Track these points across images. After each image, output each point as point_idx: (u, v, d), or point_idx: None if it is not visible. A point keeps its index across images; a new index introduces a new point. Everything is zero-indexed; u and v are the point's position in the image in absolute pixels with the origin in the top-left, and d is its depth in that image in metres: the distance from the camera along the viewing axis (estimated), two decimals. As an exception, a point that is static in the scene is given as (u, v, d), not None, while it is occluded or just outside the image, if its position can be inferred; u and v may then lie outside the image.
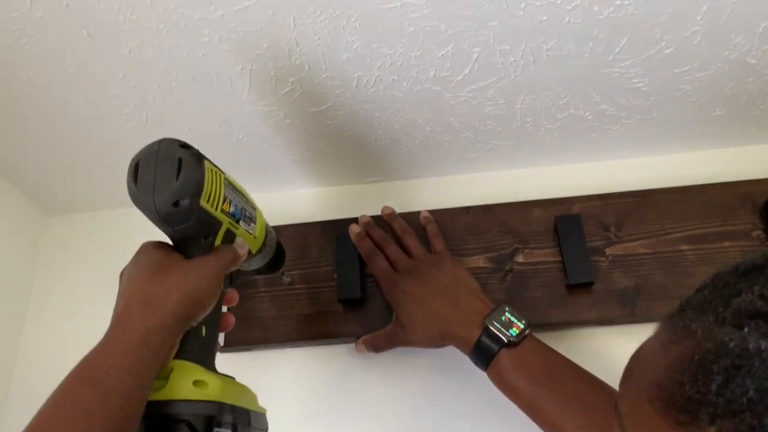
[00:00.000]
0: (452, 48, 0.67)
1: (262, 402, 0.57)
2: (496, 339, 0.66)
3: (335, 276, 0.79)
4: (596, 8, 0.62)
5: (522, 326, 0.66)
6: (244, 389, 0.55)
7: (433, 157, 0.86)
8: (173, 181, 0.50)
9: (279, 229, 0.83)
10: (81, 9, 0.62)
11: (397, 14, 0.63)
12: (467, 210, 0.82)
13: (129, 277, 0.52)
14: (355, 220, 0.82)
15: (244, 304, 0.80)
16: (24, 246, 0.94)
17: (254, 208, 0.62)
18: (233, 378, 0.55)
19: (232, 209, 0.57)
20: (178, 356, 0.51)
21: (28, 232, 0.95)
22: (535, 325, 0.71)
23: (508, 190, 0.84)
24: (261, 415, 0.55)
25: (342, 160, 0.86)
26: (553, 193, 0.81)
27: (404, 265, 0.75)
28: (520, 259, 0.77)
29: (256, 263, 0.68)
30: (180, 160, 0.51)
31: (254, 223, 0.62)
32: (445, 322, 0.69)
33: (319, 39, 0.66)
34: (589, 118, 0.78)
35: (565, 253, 0.75)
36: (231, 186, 0.57)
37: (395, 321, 0.73)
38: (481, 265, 0.78)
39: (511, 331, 0.66)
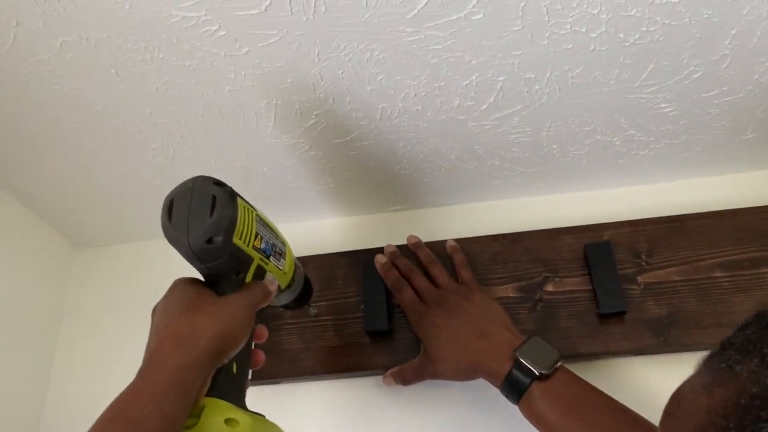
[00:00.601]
0: (476, 77, 0.67)
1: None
2: (528, 372, 0.64)
3: (362, 307, 0.79)
4: (621, 35, 0.61)
5: (554, 358, 0.65)
6: (274, 428, 0.54)
7: (458, 185, 0.85)
8: (207, 219, 0.51)
9: (305, 260, 0.83)
10: (108, 49, 0.63)
11: (420, 46, 0.63)
12: (494, 238, 0.81)
13: (161, 314, 0.52)
14: (380, 250, 0.82)
15: (271, 336, 0.80)
16: (53, 278, 0.95)
17: (284, 243, 0.63)
18: (263, 416, 0.54)
19: (263, 245, 0.57)
20: (209, 393, 0.50)
21: (57, 265, 0.96)
22: (567, 356, 0.70)
23: (535, 217, 0.83)
24: None
25: (367, 190, 0.86)
26: (582, 220, 0.80)
27: (431, 296, 0.74)
28: (549, 288, 0.76)
29: (285, 298, 0.68)
30: (214, 197, 0.51)
31: (284, 259, 0.62)
32: (475, 354, 0.68)
33: (343, 72, 0.66)
34: (617, 143, 0.77)
35: (596, 281, 0.74)
36: (262, 222, 0.57)
37: (423, 353, 0.72)
38: (510, 294, 0.77)
39: (542, 363, 0.64)
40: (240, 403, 0.53)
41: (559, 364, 0.65)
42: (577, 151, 0.78)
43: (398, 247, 0.82)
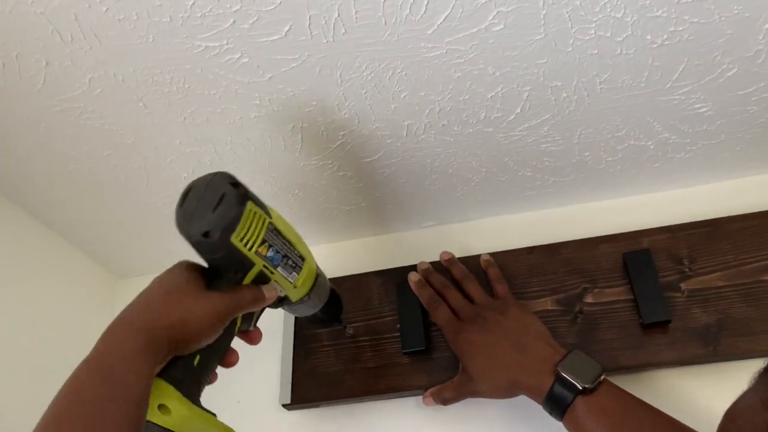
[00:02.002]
0: (501, 89, 0.66)
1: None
2: (570, 386, 0.62)
3: (398, 326, 0.78)
4: (649, 37, 0.60)
5: (596, 372, 0.63)
6: (220, 428, 0.54)
7: (490, 198, 0.84)
8: (209, 213, 0.52)
9: (339, 281, 0.83)
10: (136, 82, 0.64)
11: (442, 61, 0.62)
12: (530, 250, 0.79)
13: (151, 285, 0.54)
14: (414, 268, 0.81)
15: (308, 359, 0.80)
16: (99, 307, 0.97)
17: (303, 258, 0.62)
18: (213, 415, 0.53)
19: (269, 254, 0.57)
20: (161, 375, 0.51)
21: (101, 295, 0.98)
22: (610, 369, 0.68)
23: (571, 227, 0.81)
24: None
25: (398, 207, 0.85)
26: (620, 228, 0.78)
27: (467, 313, 0.73)
28: (589, 299, 0.74)
29: (303, 311, 0.67)
30: (223, 194, 0.53)
31: (297, 273, 0.61)
32: (514, 370, 0.67)
33: (366, 92, 0.66)
34: (651, 147, 0.75)
35: (638, 290, 0.71)
36: (277, 232, 0.57)
37: (462, 371, 0.71)
38: (549, 307, 0.75)
39: (585, 377, 0.62)
40: (190, 394, 0.52)
41: (602, 377, 0.63)
42: (610, 157, 0.77)
43: (432, 263, 0.81)
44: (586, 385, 0.62)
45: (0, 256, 0.82)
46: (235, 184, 0.54)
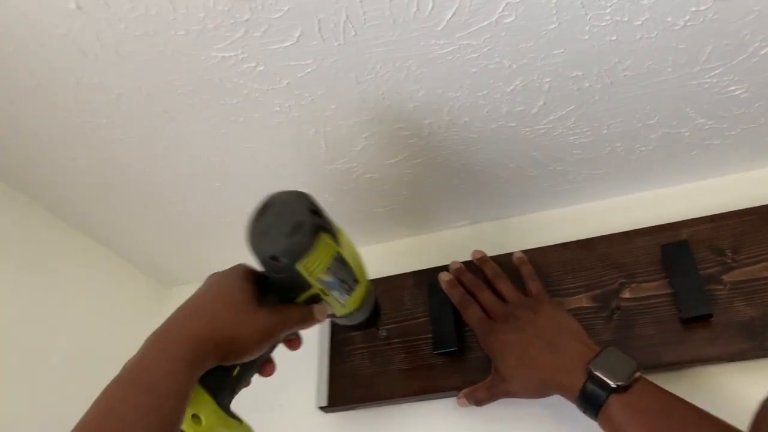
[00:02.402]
0: (520, 82, 0.64)
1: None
2: (603, 385, 0.60)
3: (431, 327, 0.77)
4: (669, 19, 0.57)
5: (631, 369, 0.61)
6: None
7: (522, 194, 0.82)
8: (283, 239, 0.52)
9: (373, 284, 0.83)
10: (160, 96, 0.66)
11: (455, 57, 0.61)
12: (565, 246, 0.77)
13: (205, 290, 0.55)
14: (447, 268, 0.80)
15: (343, 362, 0.80)
16: (148, 317, 1.00)
17: (358, 281, 0.61)
18: (240, 422, 0.54)
19: (328, 278, 0.57)
20: (200, 381, 0.51)
21: (149, 305, 1.02)
22: (650, 366, 0.66)
23: (608, 221, 0.79)
24: None
25: (428, 208, 0.85)
26: (658, 220, 0.75)
27: (498, 312, 0.72)
28: (626, 294, 0.71)
29: (344, 322, 0.68)
30: (300, 223, 0.53)
31: (350, 295, 0.61)
32: (546, 369, 0.65)
33: (383, 93, 0.66)
34: (687, 134, 0.72)
35: (676, 284, 0.68)
36: (341, 261, 0.58)
37: (494, 371, 0.70)
38: (584, 304, 0.73)
39: (618, 374, 0.60)
40: (224, 404, 0.53)
41: (637, 374, 0.61)
42: (643, 147, 0.74)
43: (464, 263, 0.80)
44: (620, 383, 0.59)
45: (54, 270, 0.87)
46: (315, 212, 0.55)
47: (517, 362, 0.67)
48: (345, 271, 0.58)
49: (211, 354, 0.51)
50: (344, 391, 0.78)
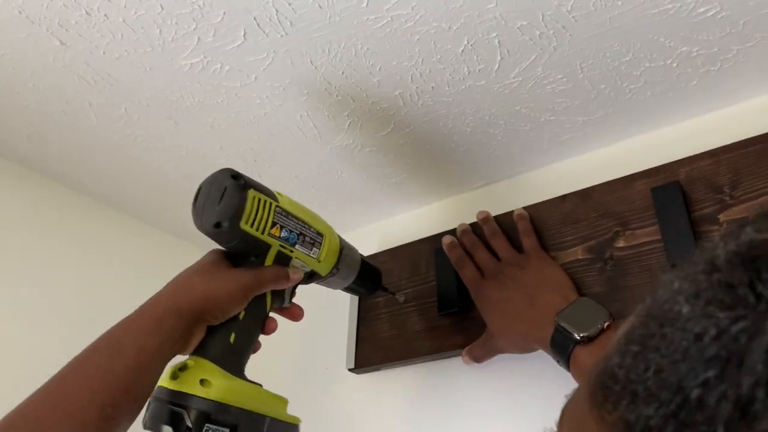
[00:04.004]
0: (467, 41, 0.64)
1: (382, 420, 0.59)
2: (569, 336, 0.60)
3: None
4: (590, -48, 0.54)
5: (600, 319, 0.59)
6: (267, 396, 0.59)
7: (526, 149, 0.81)
8: (216, 206, 0.59)
9: (393, 252, 0.87)
10: (158, 105, 0.75)
11: (393, 28, 0.63)
12: (564, 198, 0.75)
13: (182, 272, 0.61)
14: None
15: (367, 326, 0.85)
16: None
17: (320, 234, 0.66)
18: (259, 385, 0.59)
19: (283, 234, 0.62)
20: (201, 354, 0.57)
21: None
22: (640, 315, 0.62)
23: (611, 168, 0.75)
24: (284, 424, 0.58)
25: (438, 173, 0.86)
26: (663, 161, 0.70)
27: (489, 270, 0.73)
28: (620, 243, 0.68)
29: (336, 284, 0.72)
30: (225, 188, 0.59)
31: (318, 249, 0.66)
32: (524, 323, 0.65)
33: (343, 72, 0.69)
34: (675, 66, 0.66)
35: (664, 229, 0.64)
36: (286, 213, 0.63)
37: (486, 329, 0.71)
38: (579, 257, 0.71)
39: (584, 325, 0.59)
40: (233, 369, 0.58)
41: (606, 324, 0.59)
42: (632, 85, 0.69)
43: (472, 224, 0.81)
44: (584, 334, 0.59)
45: (113, 255, 1.01)
46: (236, 176, 0.61)
47: (500, 318, 0.68)
48: (297, 223, 0.63)
49: (188, 315, 0.56)
50: (368, 353, 0.83)
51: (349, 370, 0.85)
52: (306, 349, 0.92)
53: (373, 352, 0.83)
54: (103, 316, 0.56)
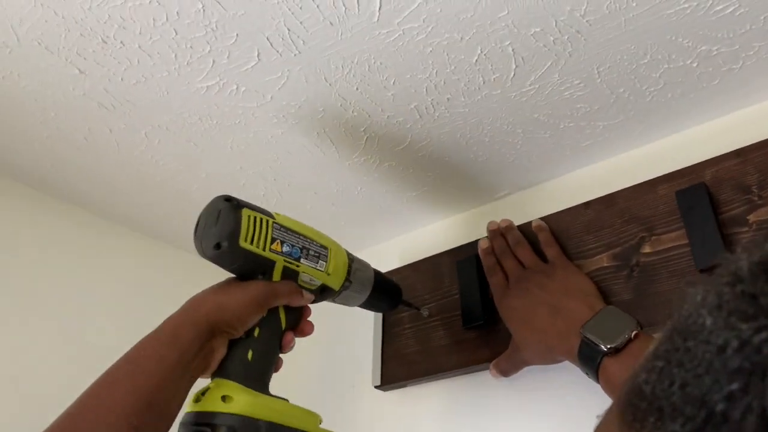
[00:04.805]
0: (481, 51, 0.64)
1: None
2: (595, 348, 0.58)
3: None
4: (600, -45, 0.53)
5: (628, 328, 0.58)
6: (296, 410, 0.59)
7: (547, 157, 0.80)
8: (213, 229, 0.60)
9: (414, 265, 0.87)
10: (178, 129, 0.76)
11: (405, 42, 0.63)
12: (587, 205, 0.74)
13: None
14: (476, 244, 0.81)
15: (392, 342, 0.84)
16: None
17: (325, 247, 0.66)
18: (285, 400, 0.59)
19: (285, 249, 0.63)
20: (222, 376, 0.58)
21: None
22: (670, 323, 0.61)
23: (634, 174, 0.73)
24: None
25: (457, 185, 0.85)
26: (686, 164, 0.68)
27: (514, 278, 0.71)
28: (646, 249, 0.67)
29: (352, 300, 0.71)
30: (219, 211, 0.61)
31: (325, 261, 0.66)
32: (548, 334, 0.64)
33: (357, 88, 0.69)
34: (695, 66, 0.65)
35: (691, 232, 0.62)
36: (285, 228, 0.63)
37: (512, 340, 0.70)
38: (605, 264, 0.69)
39: (610, 336, 0.58)
40: (256, 386, 0.58)
41: (634, 333, 0.57)
42: (652, 87, 0.68)
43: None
44: (611, 345, 0.57)
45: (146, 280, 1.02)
46: (228, 199, 0.62)
47: (523, 328, 0.67)
48: (298, 238, 0.63)
49: (203, 327, 0.56)
50: (394, 370, 0.82)
51: (375, 387, 0.84)
52: (331, 367, 0.91)
53: (398, 368, 0.82)
54: (130, 336, 0.57)
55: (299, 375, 0.80)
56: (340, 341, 0.90)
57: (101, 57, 0.66)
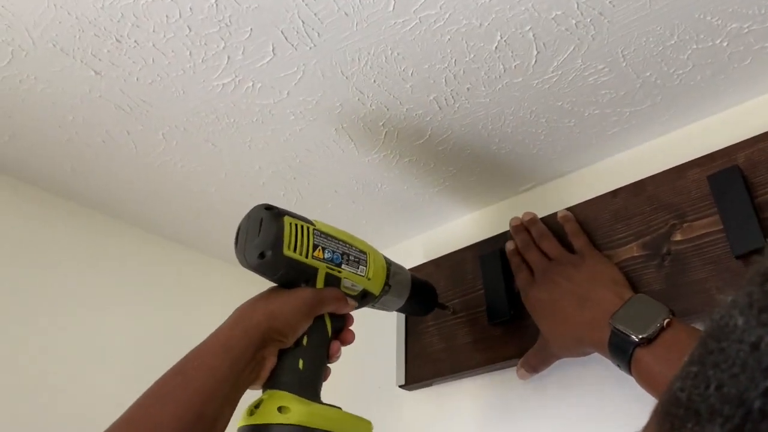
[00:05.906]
0: (501, 37, 0.62)
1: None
2: (626, 339, 0.56)
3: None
4: (622, -69, 0.51)
5: (659, 317, 0.56)
6: (350, 418, 0.58)
7: (572, 146, 0.77)
8: (256, 239, 0.59)
9: (436, 261, 0.85)
10: (195, 129, 0.75)
11: (422, 30, 0.61)
12: (615, 193, 0.71)
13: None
14: (503, 236, 0.79)
15: (417, 340, 0.83)
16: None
17: (364, 252, 0.66)
18: (338, 408, 0.58)
19: (327, 255, 0.62)
20: (274, 387, 0.57)
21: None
22: (707, 312, 0.59)
23: (664, 161, 0.71)
24: None
25: (480, 179, 0.83)
26: (714, 147, 0.66)
27: (540, 270, 0.69)
28: (678, 237, 0.64)
29: (392, 304, 0.71)
30: (261, 219, 0.60)
31: (365, 266, 0.66)
32: (577, 325, 0.62)
33: (375, 80, 0.68)
34: (725, 45, 0.62)
35: (726, 217, 0.60)
36: (325, 235, 0.63)
37: (540, 335, 0.68)
38: (635, 254, 0.67)
39: (641, 326, 0.55)
40: (308, 395, 0.57)
41: (666, 321, 0.55)
42: (680, 70, 0.66)
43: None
44: (642, 335, 0.55)
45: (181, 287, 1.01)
46: (269, 207, 0.61)
47: (551, 320, 0.65)
48: (338, 244, 0.63)
49: (257, 337, 0.55)
50: (418, 368, 0.81)
51: (400, 386, 0.82)
52: (356, 368, 0.89)
53: (423, 367, 0.81)
54: (147, 338, 0.56)
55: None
56: (364, 341, 0.88)
57: (116, 57, 0.65)
